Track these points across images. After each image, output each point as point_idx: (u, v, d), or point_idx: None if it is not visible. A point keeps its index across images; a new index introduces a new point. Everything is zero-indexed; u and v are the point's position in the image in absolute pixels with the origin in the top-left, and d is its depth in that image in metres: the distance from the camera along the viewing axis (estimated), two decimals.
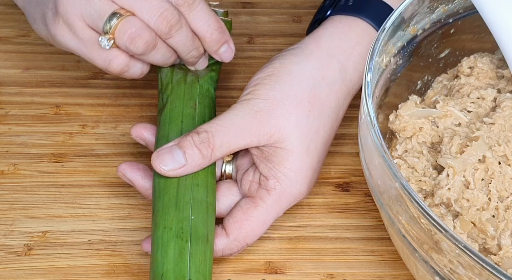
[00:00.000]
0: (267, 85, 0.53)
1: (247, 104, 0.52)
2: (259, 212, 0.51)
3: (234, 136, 0.51)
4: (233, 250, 0.51)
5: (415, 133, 0.52)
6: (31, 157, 0.59)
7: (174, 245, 0.48)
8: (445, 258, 0.41)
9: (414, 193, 0.41)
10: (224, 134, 0.51)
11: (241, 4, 0.74)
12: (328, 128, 0.54)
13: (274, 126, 0.51)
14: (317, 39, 0.56)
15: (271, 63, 0.55)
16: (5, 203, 0.56)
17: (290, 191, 0.52)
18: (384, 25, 0.50)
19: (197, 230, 0.49)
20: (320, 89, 0.54)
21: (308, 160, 0.52)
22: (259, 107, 0.52)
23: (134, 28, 0.51)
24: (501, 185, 0.47)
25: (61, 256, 0.52)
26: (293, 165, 0.52)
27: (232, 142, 0.51)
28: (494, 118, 0.50)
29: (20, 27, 0.70)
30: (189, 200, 0.50)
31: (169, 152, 0.50)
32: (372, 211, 0.57)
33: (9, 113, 0.62)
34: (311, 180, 0.53)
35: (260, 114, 0.52)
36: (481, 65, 0.55)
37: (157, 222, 0.49)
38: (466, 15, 0.56)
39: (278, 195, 0.51)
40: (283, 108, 0.52)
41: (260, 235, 0.52)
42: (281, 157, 0.52)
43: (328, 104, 0.54)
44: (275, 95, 0.52)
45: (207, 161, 0.51)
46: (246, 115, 0.51)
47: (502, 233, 0.46)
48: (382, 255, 0.54)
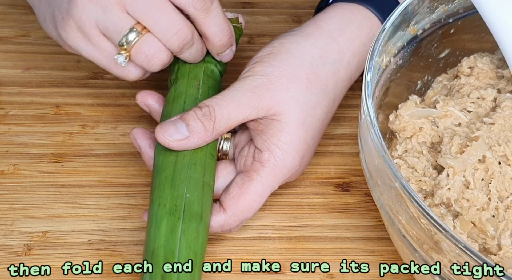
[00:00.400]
0: (266, 63, 0.54)
1: (245, 80, 0.53)
2: (254, 185, 0.52)
3: (233, 109, 0.52)
4: (232, 225, 0.52)
5: (415, 133, 0.52)
6: (31, 157, 0.59)
7: (166, 222, 0.48)
8: (445, 258, 0.41)
9: (414, 193, 0.41)
10: (224, 108, 0.52)
11: (241, 4, 0.74)
12: (325, 107, 0.55)
13: (272, 99, 0.53)
14: (317, 22, 0.57)
15: (271, 43, 0.56)
16: (5, 203, 0.56)
17: (283, 163, 0.52)
18: (384, 25, 0.50)
19: (191, 207, 0.49)
20: (318, 68, 0.55)
21: (302, 133, 0.53)
22: (257, 83, 0.53)
23: (152, 50, 0.53)
24: (501, 185, 0.47)
25: (61, 256, 0.52)
26: (287, 137, 0.52)
27: (232, 115, 0.52)
28: (494, 118, 0.50)
29: (20, 27, 0.70)
30: (185, 179, 0.50)
31: (173, 123, 0.51)
32: (372, 211, 0.57)
33: (9, 113, 0.62)
34: (304, 155, 0.54)
35: (258, 89, 0.53)
36: (481, 65, 0.55)
37: (153, 199, 0.50)
38: (466, 15, 0.56)
39: (272, 167, 0.52)
40: (280, 83, 0.53)
41: (258, 209, 0.52)
42: (276, 128, 0.52)
43: (326, 83, 0.55)
44: (273, 71, 0.53)
45: (209, 134, 0.52)
46: (245, 90, 0.53)
47: (502, 233, 0.46)
48: (382, 255, 0.54)
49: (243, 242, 0.54)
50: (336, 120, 0.62)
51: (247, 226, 0.55)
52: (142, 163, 0.55)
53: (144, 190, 0.57)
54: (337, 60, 0.56)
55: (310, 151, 0.55)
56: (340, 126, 0.62)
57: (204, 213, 0.50)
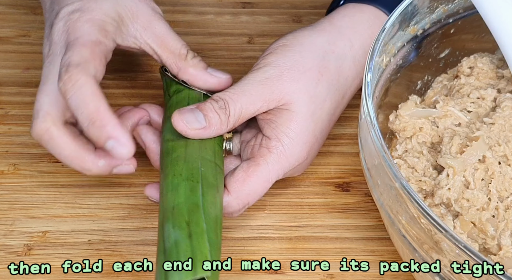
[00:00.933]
0: (279, 54, 0.55)
1: (257, 72, 0.54)
2: (260, 170, 0.52)
3: (245, 103, 0.52)
4: (234, 208, 0.52)
5: (415, 133, 0.52)
6: (31, 157, 0.59)
7: (185, 186, 0.48)
8: (445, 258, 0.41)
9: (414, 193, 0.41)
10: (237, 102, 0.52)
11: (241, 4, 0.74)
12: (335, 101, 0.55)
13: (282, 91, 0.53)
14: (330, 19, 0.58)
15: (284, 36, 0.57)
16: (5, 203, 0.56)
17: (290, 152, 0.53)
18: (384, 25, 0.50)
19: (207, 178, 0.49)
20: (330, 62, 0.55)
21: (311, 124, 0.53)
22: (269, 74, 0.53)
23: None
24: (501, 185, 0.47)
25: (61, 256, 0.52)
26: (296, 126, 0.53)
27: (244, 108, 0.52)
28: (494, 118, 0.50)
29: (20, 27, 0.70)
30: (197, 157, 0.50)
31: (191, 112, 0.52)
32: (372, 211, 0.57)
33: (9, 113, 0.62)
34: (312, 148, 0.54)
35: (269, 81, 0.53)
36: (481, 65, 0.55)
37: (166, 173, 0.49)
38: (466, 15, 0.56)
39: (278, 154, 0.52)
40: (292, 74, 0.53)
41: (261, 195, 0.53)
42: (285, 117, 0.53)
43: (337, 77, 0.55)
44: (285, 62, 0.54)
45: (224, 126, 0.52)
46: (257, 83, 0.53)
47: (502, 233, 0.46)
48: (382, 255, 0.54)
49: (243, 242, 0.54)
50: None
51: (247, 226, 0.55)
52: (142, 163, 0.55)
53: (144, 190, 0.57)
54: (349, 57, 0.56)
55: (318, 144, 0.55)
56: (340, 126, 0.62)
57: (220, 187, 0.50)
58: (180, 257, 0.44)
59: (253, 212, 0.56)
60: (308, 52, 0.55)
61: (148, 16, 0.55)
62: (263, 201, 0.56)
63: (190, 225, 0.45)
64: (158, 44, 0.55)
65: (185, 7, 0.73)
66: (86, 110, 0.47)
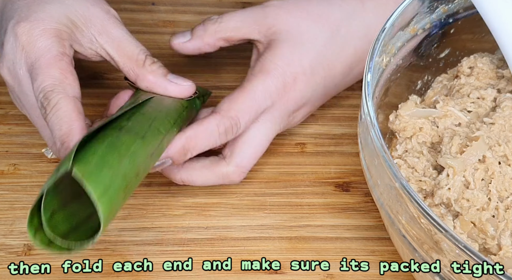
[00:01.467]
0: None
1: (259, 5, 0.57)
2: (253, 84, 0.53)
3: (239, 21, 0.56)
4: (226, 125, 0.52)
5: (415, 133, 0.52)
6: (31, 157, 0.59)
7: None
8: (445, 258, 0.41)
9: (414, 193, 0.41)
10: (231, 18, 0.56)
11: (241, 4, 0.74)
12: (345, 56, 0.57)
13: (276, 18, 0.56)
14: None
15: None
16: (5, 203, 0.56)
17: (281, 71, 0.54)
18: (384, 25, 0.50)
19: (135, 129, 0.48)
20: (341, 20, 0.57)
21: (297, 54, 0.55)
22: (269, 3, 0.57)
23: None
24: (501, 185, 0.47)
25: (61, 256, 0.52)
26: (286, 52, 0.55)
27: (236, 25, 0.56)
28: (494, 118, 0.50)
29: None
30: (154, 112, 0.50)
31: (182, 32, 0.58)
32: (372, 211, 0.57)
33: (9, 113, 0.62)
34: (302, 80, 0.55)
35: (268, 8, 0.56)
36: (481, 65, 0.55)
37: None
38: (466, 15, 0.56)
39: (279, 71, 0.54)
40: (292, 6, 0.56)
41: (258, 111, 0.54)
42: (274, 45, 0.55)
43: (343, 29, 0.57)
44: (289, 1, 0.57)
45: (209, 36, 0.57)
46: (255, 8, 0.57)
47: (502, 233, 0.46)
48: (382, 255, 0.54)
49: (243, 242, 0.54)
50: (336, 120, 0.62)
51: (247, 226, 0.55)
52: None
53: (144, 190, 0.57)
54: (357, 9, 0.58)
55: (309, 79, 0.56)
56: (340, 126, 0.62)
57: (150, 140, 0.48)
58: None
59: (253, 212, 0.56)
60: (314, 1, 0.57)
61: (102, 20, 0.53)
62: (263, 201, 0.57)
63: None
64: (114, 48, 0.53)
65: (185, 7, 0.73)
66: (59, 132, 0.48)
